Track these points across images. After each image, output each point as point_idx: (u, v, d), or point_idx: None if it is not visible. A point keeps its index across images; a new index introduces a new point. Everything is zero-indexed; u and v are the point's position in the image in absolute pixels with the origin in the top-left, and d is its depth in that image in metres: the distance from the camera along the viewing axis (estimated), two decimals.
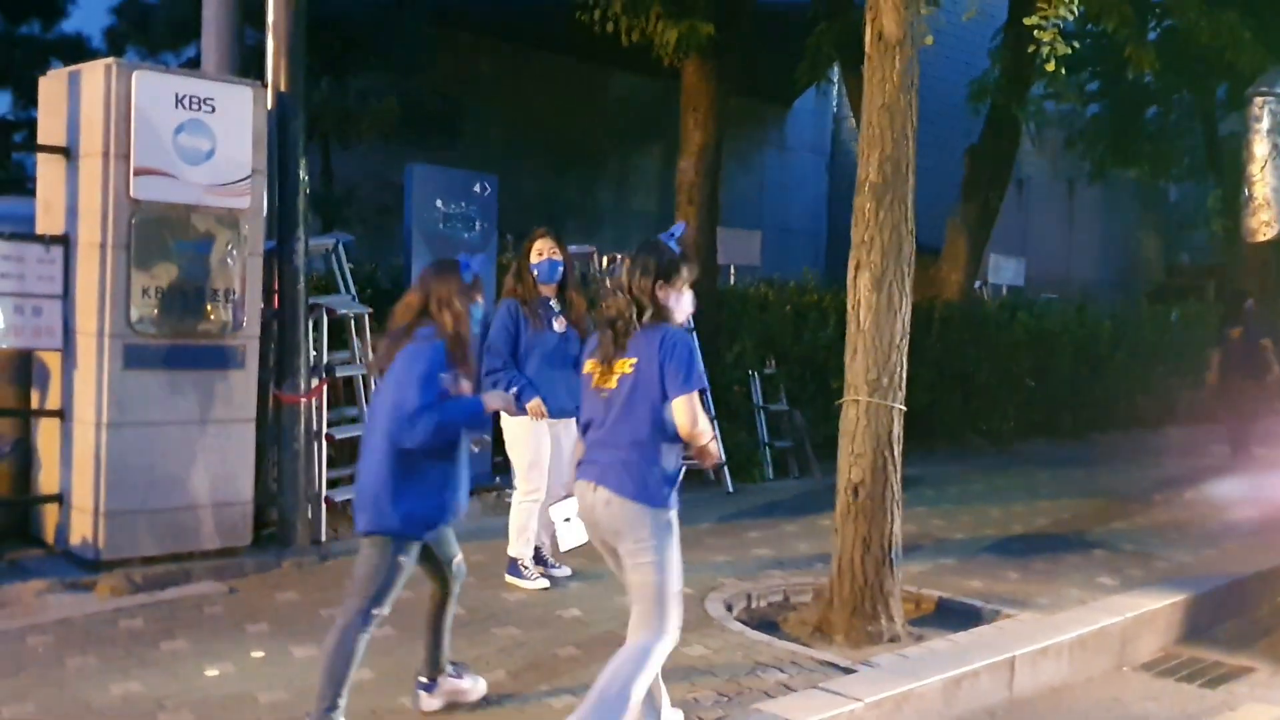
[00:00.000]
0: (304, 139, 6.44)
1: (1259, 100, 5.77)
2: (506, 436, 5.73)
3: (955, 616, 5.59)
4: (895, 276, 5.20)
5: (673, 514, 3.68)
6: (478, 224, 7.62)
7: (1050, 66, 5.66)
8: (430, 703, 4.10)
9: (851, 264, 5.28)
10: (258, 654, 4.68)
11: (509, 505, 5.88)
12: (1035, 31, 5.64)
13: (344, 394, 7.12)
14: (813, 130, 20.39)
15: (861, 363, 5.21)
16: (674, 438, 3.65)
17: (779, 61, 12.80)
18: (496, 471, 7.68)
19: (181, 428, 5.82)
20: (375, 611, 3.79)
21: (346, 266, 7.19)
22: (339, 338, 7.04)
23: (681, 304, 3.77)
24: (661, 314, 3.70)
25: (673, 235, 3.84)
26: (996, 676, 4.82)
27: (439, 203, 7.48)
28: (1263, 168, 5.74)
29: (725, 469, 8.69)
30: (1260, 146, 5.74)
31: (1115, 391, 13.52)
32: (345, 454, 7.02)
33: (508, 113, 15.14)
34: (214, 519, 5.93)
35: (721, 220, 10.76)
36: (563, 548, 4.25)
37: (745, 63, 10.37)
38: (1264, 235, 5.84)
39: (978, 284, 14.69)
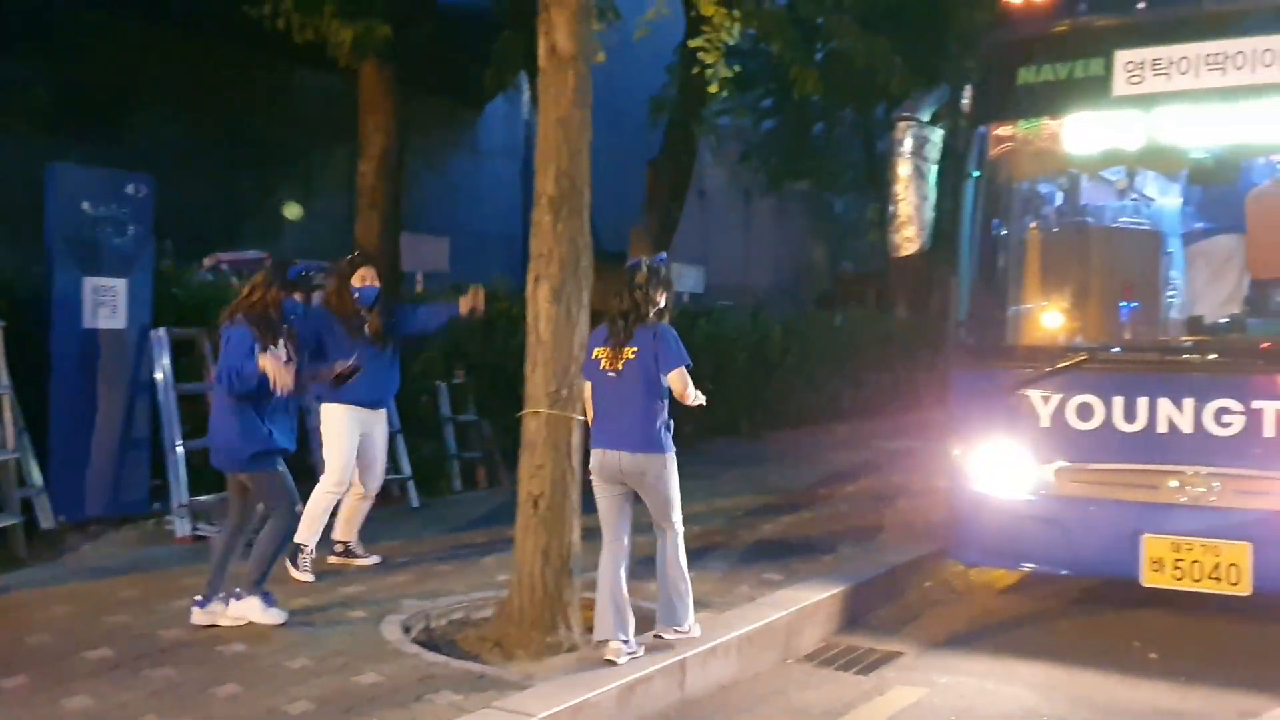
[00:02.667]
0: None
1: (902, 125, 6.10)
2: (325, 430, 6.35)
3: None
4: (573, 289, 5.24)
5: (672, 454, 5.06)
6: (130, 228, 7.01)
7: (714, 89, 5.85)
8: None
9: (531, 276, 5.26)
10: None
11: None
12: (699, 54, 5.82)
13: None
14: (505, 134, 20.37)
15: (541, 375, 5.21)
16: (664, 401, 5.00)
17: (469, 64, 12.63)
18: (154, 497, 7.09)
19: None
20: None
21: None
22: None
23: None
24: (661, 315, 5.03)
25: (663, 260, 5.18)
26: (669, 679, 4.96)
27: (86, 205, 6.82)
28: (906, 187, 6.09)
29: (411, 483, 8.49)
30: (904, 168, 6.07)
31: (787, 392, 14.28)
32: None
33: (181, 108, 14.14)
34: None
35: (410, 225, 10.50)
36: None
37: (432, 64, 10.17)
38: (907, 250, 6.18)
39: None
